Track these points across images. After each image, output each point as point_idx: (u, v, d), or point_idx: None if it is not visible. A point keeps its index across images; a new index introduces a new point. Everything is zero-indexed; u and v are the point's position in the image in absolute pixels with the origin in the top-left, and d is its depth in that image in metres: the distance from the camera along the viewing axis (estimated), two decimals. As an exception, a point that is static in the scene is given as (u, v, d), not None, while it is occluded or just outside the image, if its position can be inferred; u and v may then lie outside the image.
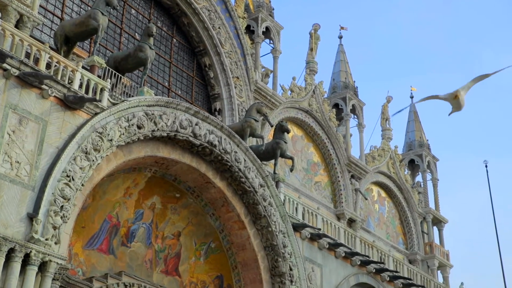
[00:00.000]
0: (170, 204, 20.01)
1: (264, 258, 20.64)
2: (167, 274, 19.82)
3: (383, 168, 38.00)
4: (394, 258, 27.73)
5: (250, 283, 20.51)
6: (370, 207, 36.83)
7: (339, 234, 24.85)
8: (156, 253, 19.69)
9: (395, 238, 38.19)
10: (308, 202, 28.19)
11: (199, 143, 18.68)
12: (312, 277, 22.20)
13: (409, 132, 44.86)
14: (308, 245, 22.67)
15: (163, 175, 19.26)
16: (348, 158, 34.63)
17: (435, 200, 42.24)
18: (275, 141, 22.80)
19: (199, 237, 20.58)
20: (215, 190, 19.92)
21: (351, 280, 24.37)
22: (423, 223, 40.23)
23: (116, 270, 18.17)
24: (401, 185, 38.98)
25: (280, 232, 20.68)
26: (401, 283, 26.83)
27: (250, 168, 20.17)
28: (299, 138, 32.80)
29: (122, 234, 18.81)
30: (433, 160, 43.87)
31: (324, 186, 33.64)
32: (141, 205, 19.29)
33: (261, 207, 20.35)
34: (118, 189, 18.42)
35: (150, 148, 17.90)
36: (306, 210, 23.72)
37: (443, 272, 39.76)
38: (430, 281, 29.82)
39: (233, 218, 20.42)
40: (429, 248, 39.13)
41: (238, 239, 20.56)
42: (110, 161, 16.60)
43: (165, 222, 19.99)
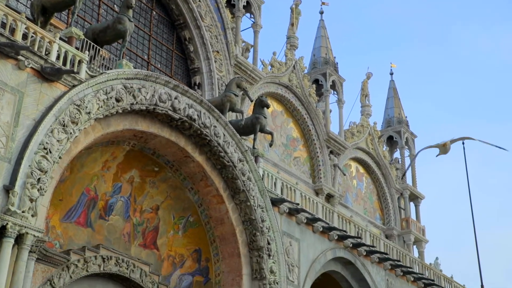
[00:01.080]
0: (148, 178, 19.96)
1: (242, 232, 20.74)
2: (145, 248, 19.85)
3: (362, 144, 38.25)
4: (371, 233, 28.04)
5: (228, 256, 20.63)
6: (348, 183, 37.11)
7: (317, 209, 25.03)
8: (134, 226, 19.69)
9: (372, 213, 38.61)
10: (287, 177, 28.31)
11: (178, 117, 18.59)
12: (289, 251, 22.38)
13: (388, 108, 45.13)
14: (286, 219, 22.82)
15: (142, 148, 19.18)
16: (327, 134, 34.76)
17: (412, 176, 42.71)
18: (254, 116, 22.78)
19: (178, 211, 20.60)
20: (194, 164, 19.90)
21: (328, 254, 24.62)
22: (400, 199, 40.69)
23: (93, 243, 18.14)
24: (379, 161, 39.30)
25: (258, 207, 20.77)
26: (377, 258, 27.17)
27: (229, 142, 20.16)
28: (279, 113, 32.81)
29: (100, 207, 18.76)
30: (411, 136, 44.24)
31: (303, 162, 33.78)
32: (119, 179, 19.22)
33: (240, 181, 20.39)
34: (96, 162, 18.31)
35: (129, 121, 17.78)
36: (285, 185, 23.82)
37: (419, 247, 40.37)
38: (406, 256, 30.23)
39: (211, 193, 20.45)
40: (405, 224, 39.65)
41: (217, 213, 20.61)
42: (88, 134, 16.47)
43: (144, 196, 19.96)
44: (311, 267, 23.38)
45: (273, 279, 20.59)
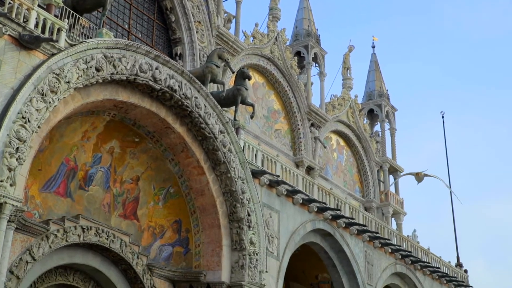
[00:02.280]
0: (129, 148, 19.86)
1: (223, 204, 20.81)
2: (125, 218, 19.84)
3: (343, 117, 38.38)
4: (350, 205, 28.29)
5: (209, 227, 20.71)
6: (328, 155, 37.31)
7: (297, 181, 25.16)
8: (115, 197, 19.64)
9: (352, 186, 38.92)
10: (268, 149, 28.37)
11: (159, 87, 18.46)
12: (269, 222, 22.53)
13: (369, 82, 45.26)
14: (266, 191, 22.92)
15: (122, 119, 19.05)
16: (309, 106, 34.80)
17: (392, 149, 43.06)
18: (236, 88, 22.70)
19: (158, 182, 20.58)
20: (175, 136, 19.84)
21: (307, 226, 24.84)
22: (380, 172, 41.05)
23: (73, 213, 18.08)
24: (359, 134, 39.51)
25: (239, 178, 20.82)
26: (356, 230, 27.46)
27: (210, 114, 20.09)
28: (260, 85, 32.73)
29: (80, 177, 18.65)
30: (392, 110, 44.49)
31: (284, 134, 33.85)
32: (100, 149, 19.10)
33: (220, 153, 20.39)
34: (75, 132, 18.16)
35: (109, 91, 17.61)
36: (266, 157, 23.87)
37: (397, 219, 40.90)
38: (384, 228, 30.60)
39: (192, 164, 20.44)
40: (384, 196, 40.08)
41: (197, 185, 20.63)
42: (67, 104, 16.29)
43: (124, 167, 19.88)
44: (291, 239, 23.59)
45: (252, 250, 20.75)
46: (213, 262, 20.44)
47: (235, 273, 20.48)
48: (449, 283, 34.76)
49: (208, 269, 20.37)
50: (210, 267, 20.41)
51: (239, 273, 20.44)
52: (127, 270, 19.04)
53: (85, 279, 18.59)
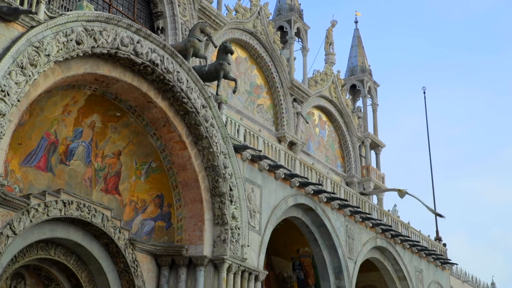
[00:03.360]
0: (110, 123, 19.74)
1: (205, 178, 20.83)
2: (107, 193, 19.80)
3: (325, 93, 38.42)
4: (332, 180, 28.47)
5: (191, 202, 20.76)
6: (311, 131, 37.41)
7: (279, 156, 25.22)
8: (96, 171, 19.57)
9: (334, 161, 39.13)
10: (250, 124, 28.36)
11: (141, 61, 18.30)
12: (251, 197, 22.62)
13: (352, 57, 45.27)
14: (248, 166, 22.97)
15: (103, 93, 18.90)
16: (291, 81, 34.77)
17: (374, 125, 43.29)
18: (218, 62, 22.56)
19: (140, 157, 20.53)
20: (157, 110, 19.74)
21: (289, 200, 24.98)
22: (361, 147, 41.29)
23: (54, 187, 18.00)
24: (342, 109, 39.62)
25: (221, 153, 20.83)
26: (337, 204, 27.68)
27: (192, 88, 20.00)
28: (243, 60, 32.59)
29: (61, 152, 18.53)
30: (374, 85, 44.62)
31: (266, 109, 33.83)
32: (81, 123, 18.96)
33: (202, 128, 20.35)
34: (56, 106, 18.00)
35: (90, 65, 17.43)
36: (248, 132, 23.87)
37: (378, 194, 41.24)
38: (365, 203, 30.87)
39: (174, 139, 20.39)
40: (366, 171, 40.36)
41: (179, 159, 20.62)
42: (47, 77, 16.11)
43: (105, 141, 19.78)
44: (273, 213, 23.72)
45: (234, 225, 20.86)
46: (195, 236, 20.54)
47: (217, 247, 20.60)
48: (428, 257, 35.29)
49: (190, 243, 20.47)
50: (192, 242, 20.50)
51: (221, 247, 20.56)
52: (108, 245, 19.06)
53: (67, 253, 18.59)
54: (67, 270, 18.70)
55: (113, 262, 19.31)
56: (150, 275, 20.19)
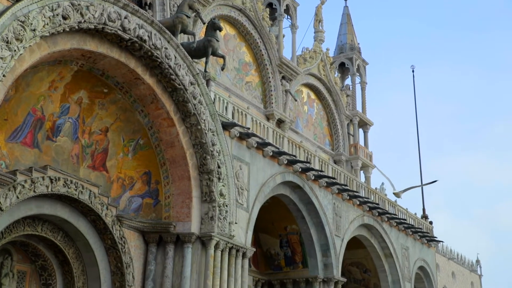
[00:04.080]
0: (97, 99, 19.59)
1: (193, 156, 20.79)
2: (94, 169, 19.72)
3: (314, 70, 38.32)
4: (320, 158, 28.52)
5: (178, 179, 20.74)
6: (299, 109, 37.37)
7: (267, 134, 25.21)
8: (83, 148, 19.46)
9: (322, 139, 39.18)
10: (238, 102, 28.28)
11: (128, 37, 18.11)
12: (239, 174, 22.63)
13: (341, 35, 45.11)
14: (236, 143, 22.94)
15: (90, 69, 18.72)
16: (280, 59, 34.62)
17: (363, 103, 43.31)
18: (206, 39, 22.40)
19: (127, 133, 20.42)
20: (144, 87, 19.60)
21: (277, 178, 25.02)
22: (350, 125, 41.35)
23: (41, 164, 17.90)
24: (330, 87, 39.57)
25: (209, 130, 20.78)
26: (325, 182, 27.78)
27: (180, 65, 19.86)
28: (232, 37, 32.37)
29: (47, 128, 18.38)
30: (363, 63, 44.55)
31: (254, 86, 33.71)
32: (67, 99, 18.80)
33: (191, 105, 20.26)
34: (42, 82, 17.81)
35: (77, 40, 17.22)
36: (236, 109, 23.80)
37: (366, 172, 41.45)
38: (353, 181, 31.01)
39: (162, 116, 20.29)
40: (353, 149, 40.48)
41: (167, 136, 20.54)
42: (33, 52, 15.92)
43: (93, 117, 19.65)
44: (260, 191, 23.77)
45: (222, 202, 20.89)
46: (183, 213, 20.56)
47: (205, 224, 20.64)
48: (414, 234, 35.60)
49: (178, 220, 20.49)
50: (180, 219, 20.52)
51: (208, 224, 20.61)
52: (96, 221, 19.05)
53: (54, 230, 18.55)
54: (54, 246, 18.68)
55: (100, 239, 19.31)
56: (137, 252, 20.24)
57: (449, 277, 53.56)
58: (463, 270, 56.99)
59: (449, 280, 53.49)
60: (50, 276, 18.80)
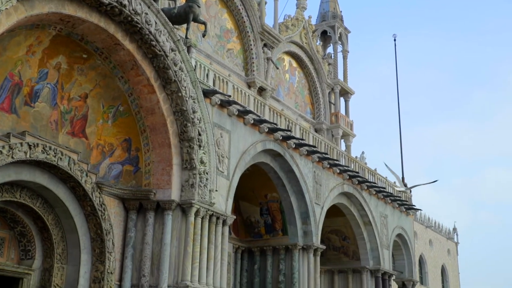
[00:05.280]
0: (76, 64, 19.31)
1: (173, 123, 20.68)
2: (74, 136, 19.53)
3: (296, 38, 38.09)
4: (301, 126, 28.54)
5: (159, 146, 20.65)
6: (280, 77, 37.23)
7: (248, 102, 25.11)
8: (62, 114, 19.23)
9: (303, 107, 39.17)
10: (220, 69, 28.07)
11: (108, 1, 17.79)
12: (220, 142, 22.58)
13: (323, 2, 44.77)
14: (217, 111, 22.84)
15: (69, 34, 18.40)
16: (262, 26, 34.32)
17: (344, 71, 43.25)
18: (187, 5, 22.08)
19: (107, 100, 20.21)
20: (124, 53, 19.35)
21: (258, 146, 25.02)
22: (331, 94, 41.33)
23: (19, 130, 17.67)
24: (312, 55, 39.40)
25: (190, 98, 20.64)
26: (305, 150, 27.84)
27: (161, 31, 19.61)
28: (213, 3, 31.98)
29: (25, 93, 18.11)
30: (345, 32, 44.35)
31: (236, 54, 33.46)
32: (46, 65, 18.50)
33: (171, 71, 20.07)
34: (20, 46, 17.48)
35: (55, 4, 16.88)
36: (217, 76, 23.63)
37: (346, 141, 41.61)
38: (333, 149, 31.12)
39: (142, 82, 20.09)
40: (334, 118, 40.55)
41: (147, 103, 20.38)
42: (10, 16, 15.57)
43: (71, 83, 19.39)
44: (241, 159, 23.77)
45: (203, 169, 20.87)
46: (163, 180, 20.52)
47: (185, 191, 20.65)
48: (393, 202, 35.98)
49: (158, 188, 20.47)
50: (160, 186, 20.50)
51: (189, 191, 20.61)
52: (75, 188, 18.96)
53: (33, 196, 18.43)
54: (33, 212, 18.58)
55: (80, 205, 19.26)
56: (117, 219, 20.22)
57: (426, 245, 54.44)
58: (440, 238, 57.96)
59: (426, 247, 54.38)
60: (29, 242, 18.75)
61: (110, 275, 19.27)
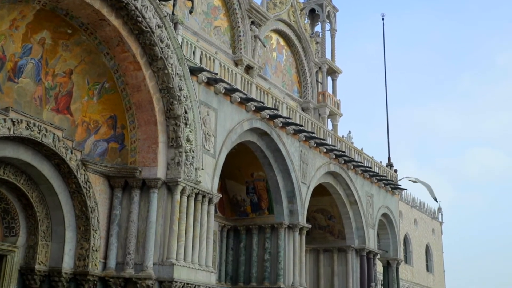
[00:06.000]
0: (61, 40, 19.03)
1: (160, 100, 20.51)
2: (58, 113, 19.30)
3: (284, 16, 37.83)
4: (288, 105, 28.44)
5: (145, 124, 20.49)
6: (268, 55, 37.02)
7: (235, 80, 24.94)
8: (46, 90, 18.97)
9: (291, 86, 39.04)
10: (207, 47, 27.84)
11: (93, -24, 17.52)
12: (206, 120, 22.44)
13: (312, -20, 44.44)
14: (204, 89, 22.66)
15: (54, 8, 18.10)
16: (249, 3, 34.03)
17: (332, 50, 43.09)
18: (174, -20, 21.81)
19: (92, 76, 19.97)
20: (110, 28, 19.09)
21: (244, 125, 24.91)
22: (318, 73, 41.20)
23: (2, 105, 17.41)
24: (300, 34, 39.19)
25: (176, 75, 20.45)
26: (292, 129, 27.78)
27: (147, 7, 19.35)
28: (201, -21, 31.60)
29: (9, 68, 17.81)
30: (333, 10, 44.12)
31: (223, 31, 33.18)
32: (30, 40, 18.20)
33: (157, 48, 19.85)
34: (3, 20, 17.15)
35: (38, -23, 16.59)
36: (204, 54, 23.41)
37: (333, 120, 41.61)
38: (320, 128, 31.08)
39: (128, 59, 19.86)
40: (321, 97, 40.47)
41: (133, 80, 20.17)
42: (-8, -11, 15.29)
43: (56, 59, 19.11)
44: (228, 137, 23.67)
45: (189, 147, 20.76)
46: (149, 158, 20.40)
47: (171, 169, 20.55)
48: (379, 182, 36.11)
49: (143, 166, 20.35)
50: (145, 164, 20.38)
51: (175, 169, 20.51)
52: (60, 165, 18.79)
53: (17, 173, 18.25)
54: (17, 189, 18.41)
55: (64, 183, 19.11)
56: (102, 196, 20.10)
57: (411, 224, 54.86)
58: (425, 217, 58.42)
59: (411, 227, 54.80)
60: (13, 219, 18.60)
61: (95, 253, 19.20)
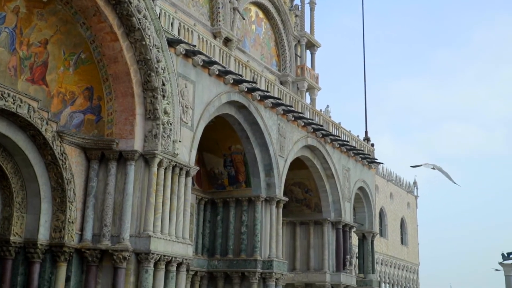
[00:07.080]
0: (36, 9, 18.68)
1: (137, 72, 20.32)
2: (33, 83, 19.02)
3: (263, -12, 37.49)
4: (266, 78, 28.37)
5: (122, 96, 20.31)
6: (247, 28, 36.77)
7: (214, 52, 24.77)
8: (21, 60, 18.66)
9: (269, 59, 38.89)
10: (185, 18, 27.53)
11: None
12: (184, 93, 22.32)
13: (292, -48, 44.00)
14: (182, 61, 22.49)
15: (28, -24, 17.75)
16: (229, -25, 33.65)
17: (311, 24, 42.91)
18: (152, -51, 21.44)
19: (68, 47, 19.68)
20: (86, -2, 18.79)
21: (223, 97, 24.82)
22: (297, 46, 41.07)
23: (-24, 75, 17.16)
24: (279, 6, 38.95)
25: (154, 47, 20.24)
26: (270, 103, 27.76)
27: (124, -24, 19.05)
28: (179, -51, 31.12)
29: (-18, 38, 17.52)
30: (313, -17, 43.80)
31: (202, 3, 32.84)
32: (3, 8, 17.84)
33: (135, 19, 19.61)
34: (-25, -12, 16.81)
35: None
36: (182, 26, 23.17)
37: (312, 94, 41.63)
38: (298, 102, 31.10)
39: (105, 29, 19.59)
40: (300, 71, 40.41)
41: (110, 51, 19.93)
42: (-36, -45, 14.91)
43: (31, 28, 18.77)
44: (205, 110, 23.58)
45: (166, 120, 20.65)
46: (126, 130, 20.27)
47: (148, 142, 20.45)
48: (356, 156, 36.35)
49: (120, 138, 20.22)
50: (122, 136, 20.25)
51: (152, 142, 20.42)
52: (35, 136, 18.59)
53: (-9, 144, 18.04)
54: (-9, 161, 18.21)
55: (40, 154, 18.93)
56: (79, 168, 19.97)
57: (387, 198, 55.49)
58: (401, 191, 59.12)
59: (387, 200, 55.45)
60: (-12, 191, 18.44)
61: (71, 225, 19.14)
